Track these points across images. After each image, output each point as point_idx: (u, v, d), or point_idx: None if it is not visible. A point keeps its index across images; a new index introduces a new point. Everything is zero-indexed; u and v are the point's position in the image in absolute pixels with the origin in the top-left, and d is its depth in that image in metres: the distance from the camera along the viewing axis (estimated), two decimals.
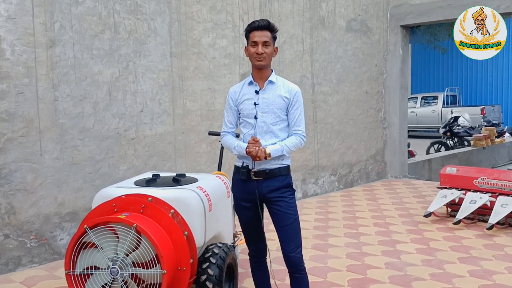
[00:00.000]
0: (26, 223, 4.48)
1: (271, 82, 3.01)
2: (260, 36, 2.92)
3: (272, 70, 3.05)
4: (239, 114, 3.08)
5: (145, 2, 5.29)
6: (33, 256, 4.53)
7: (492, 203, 5.63)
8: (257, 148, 2.86)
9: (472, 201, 5.72)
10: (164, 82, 5.51)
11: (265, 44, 2.92)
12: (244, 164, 3.01)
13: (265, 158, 2.88)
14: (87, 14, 4.81)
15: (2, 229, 4.34)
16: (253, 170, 2.97)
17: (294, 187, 3.08)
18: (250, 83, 3.05)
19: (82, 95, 4.81)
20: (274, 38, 3.00)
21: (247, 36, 3.01)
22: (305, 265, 3.06)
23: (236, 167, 3.09)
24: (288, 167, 3.05)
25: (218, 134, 4.46)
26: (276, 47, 3.04)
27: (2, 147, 4.30)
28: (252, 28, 2.96)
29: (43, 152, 4.55)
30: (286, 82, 3.07)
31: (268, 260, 3.26)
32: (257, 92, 3.00)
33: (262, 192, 2.97)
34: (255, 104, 2.99)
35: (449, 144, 14.36)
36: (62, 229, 4.71)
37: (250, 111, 3.00)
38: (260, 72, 3.00)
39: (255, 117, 2.98)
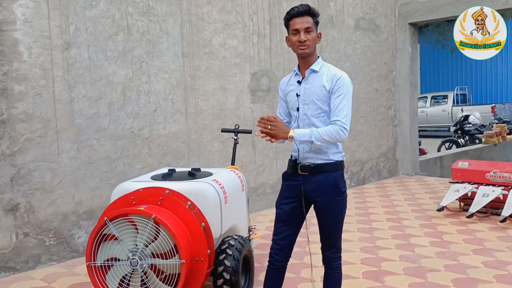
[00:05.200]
0: (45, 222, 4.57)
1: (313, 71, 2.78)
2: (301, 22, 2.71)
3: (318, 57, 2.83)
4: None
5: (157, 4, 5.39)
6: (52, 254, 4.62)
7: (505, 196, 5.64)
8: (269, 127, 2.61)
9: (484, 195, 5.72)
10: (176, 82, 5.60)
11: (307, 30, 2.71)
12: (293, 158, 2.83)
13: (288, 139, 2.65)
14: (101, 16, 4.92)
15: (21, 227, 4.44)
16: (299, 164, 2.78)
17: (346, 185, 2.84)
18: (296, 73, 2.87)
19: (97, 96, 4.91)
20: (317, 23, 2.78)
21: (286, 24, 2.80)
22: (340, 263, 2.92)
23: (288, 161, 2.89)
24: (337, 163, 2.79)
25: (231, 131, 4.55)
26: (320, 33, 2.81)
27: (21, 147, 4.41)
28: (291, 15, 2.75)
29: (60, 151, 4.65)
30: (331, 69, 2.78)
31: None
32: (299, 82, 2.82)
33: (307, 190, 2.76)
34: (297, 95, 2.81)
35: (460, 142, 14.31)
36: (80, 228, 4.80)
37: (293, 103, 2.84)
38: (304, 61, 2.78)
39: (297, 109, 2.82)
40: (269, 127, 2.61)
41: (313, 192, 2.77)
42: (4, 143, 4.31)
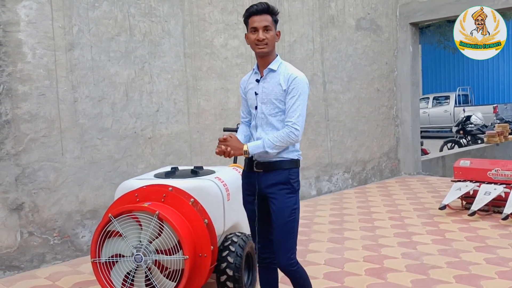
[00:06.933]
0: (49, 221, 4.61)
1: (271, 70, 2.76)
2: (260, 21, 2.68)
3: (277, 55, 2.80)
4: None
5: (159, 5, 5.43)
6: (57, 253, 4.66)
7: (507, 194, 5.65)
8: (222, 148, 2.70)
9: (486, 193, 5.74)
10: (178, 82, 5.64)
11: (265, 29, 2.68)
12: (250, 155, 2.79)
13: (244, 155, 2.71)
14: (104, 17, 4.96)
15: (26, 226, 4.47)
16: (255, 161, 2.78)
17: (299, 185, 2.82)
18: (255, 72, 2.86)
19: (100, 96, 4.95)
20: (276, 21, 2.75)
21: (246, 22, 2.77)
22: (297, 266, 2.80)
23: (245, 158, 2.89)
24: (291, 161, 2.77)
25: (233, 130, 4.57)
26: (279, 31, 2.78)
27: (25, 147, 4.45)
28: (250, 13, 2.72)
29: (64, 151, 4.69)
30: (288, 68, 2.76)
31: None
32: (258, 81, 2.81)
33: (261, 187, 2.77)
34: (255, 93, 2.81)
35: (462, 142, 14.31)
36: (84, 227, 4.83)
37: (252, 101, 2.84)
38: (263, 59, 2.77)
39: (256, 108, 2.81)
40: (223, 147, 2.69)
41: (266, 189, 2.77)
42: (8, 143, 4.35)
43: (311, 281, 2.91)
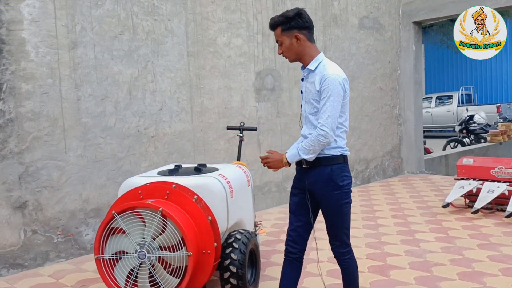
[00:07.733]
0: (53, 219, 4.62)
1: (310, 70, 2.80)
2: (275, 37, 2.86)
3: (319, 53, 2.82)
4: None
5: (162, 3, 5.44)
6: (60, 251, 4.67)
7: (510, 192, 5.64)
8: (262, 163, 2.89)
9: (489, 191, 5.73)
10: (181, 81, 5.65)
11: (279, 43, 2.85)
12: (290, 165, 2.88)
13: (285, 166, 2.82)
14: (107, 16, 4.97)
15: (30, 225, 4.49)
16: None
17: (347, 180, 2.82)
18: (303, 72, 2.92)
19: (104, 95, 4.96)
20: (288, 28, 2.79)
21: None
22: (348, 256, 2.97)
23: None
24: (333, 157, 2.79)
25: (237, 128, 4.58)
26: (296, 35, 2.77)
27: (28, 145, 4.46)
28: None
29: (67, 150, 4.70)
30: (326, 68, 2.74)
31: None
32: (303, 80, 2.89)
33: (308, 182, 2.83)
34: (301, 92, 2.90)
35: (465, 141, 14.29)
36: (87, 225, 4.84)
37: (300, 99, 2.94)
38: (300, 62, 2.87)
39: (301, 106, 2.91)
40: (264, 165, 2.88)
41: (311, 185, 2.84)
42: (12, 141, 4.36)
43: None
